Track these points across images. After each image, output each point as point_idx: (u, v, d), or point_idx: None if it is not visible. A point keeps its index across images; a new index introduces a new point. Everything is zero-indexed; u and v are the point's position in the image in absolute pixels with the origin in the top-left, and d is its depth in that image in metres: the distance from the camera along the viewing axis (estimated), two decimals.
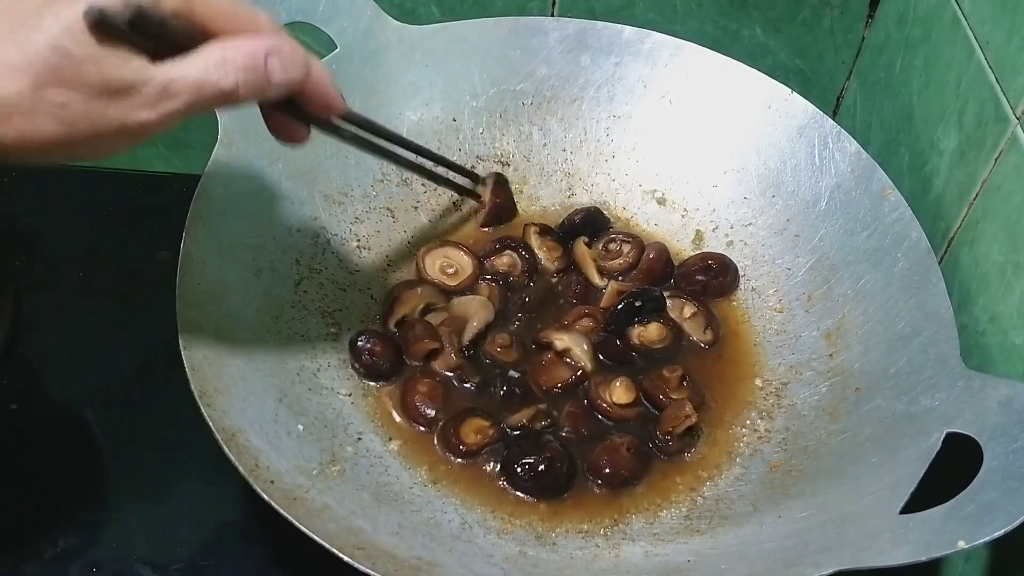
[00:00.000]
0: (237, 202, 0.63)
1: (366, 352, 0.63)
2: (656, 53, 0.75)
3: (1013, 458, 0.48)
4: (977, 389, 0.53)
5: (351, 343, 0.64)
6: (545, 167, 0.78)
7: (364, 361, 0.63)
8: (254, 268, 0.63)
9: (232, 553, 0.61)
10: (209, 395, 0.53)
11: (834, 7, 0.82)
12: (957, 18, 0.66)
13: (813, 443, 0.61)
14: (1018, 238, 0.56)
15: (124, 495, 0.62)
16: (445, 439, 0.61)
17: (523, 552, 0.55)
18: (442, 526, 0.56)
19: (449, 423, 0.61)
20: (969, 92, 0.63)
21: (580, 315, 0.68)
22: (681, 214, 0.76)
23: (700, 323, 0.69)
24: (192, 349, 0.54)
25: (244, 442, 0.52)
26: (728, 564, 0.52)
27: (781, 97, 0.73)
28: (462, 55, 0.75)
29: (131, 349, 0.70)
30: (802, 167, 0.71)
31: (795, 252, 0.71)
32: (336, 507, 0.52)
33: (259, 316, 0.61)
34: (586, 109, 0.77)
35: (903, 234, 0.64)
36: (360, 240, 0.71)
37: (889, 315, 0.62)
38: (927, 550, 0.45)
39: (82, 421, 0.66)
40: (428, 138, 0.74)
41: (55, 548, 0.59)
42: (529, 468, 0.59)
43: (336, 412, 0.61)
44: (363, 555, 0.48)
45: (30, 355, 0.70)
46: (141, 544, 0.60)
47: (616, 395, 0.63)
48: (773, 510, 0.57)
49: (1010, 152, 0.58)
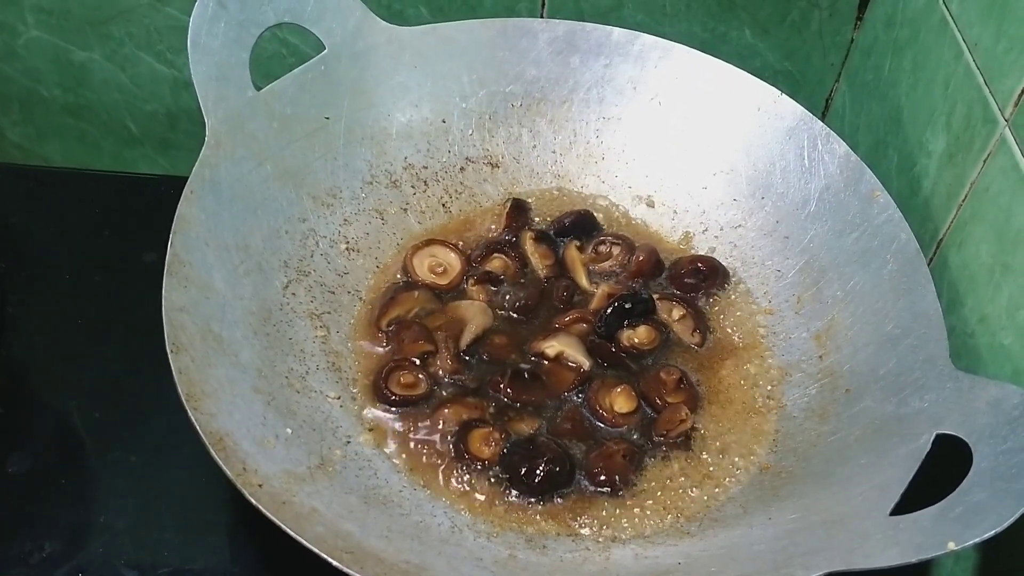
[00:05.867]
0: (224, 204, 0.63)
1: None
2: (645, 55, 0.75)
3: (1002, 459, 0.48)
4: (966, 390, 0.53)
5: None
6: (535, 169, 0.78)
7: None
8: (242, 270, 0.63)
9: (219, 557, 0.60)
10: (196, 398, 0.52)
11: (822, 9, 0.82)
12: (945, 20, 0.66)
13: (803, 445, 0.61)
14: (1006, 239, 0.56)
15: (111, 498, 0.62)
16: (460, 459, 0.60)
17: (513, 555, 0.55)
18: (431, 529, 0.56)
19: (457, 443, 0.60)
20: (957, 94, 0.64)
21: (573, 319, 0.68)
22: (671, 216, 0.76)
23: (689, 325, 0.69)
24: (179, 352, 0.54)
25: (232, 445, 0.52)
26: (718, 566, 0.52)
27: (770, 99, 0.73)
28: (451, 56, 0.74)
29: (117, 351, 0.70)
30: (791, 169, 0.71)
31: (784, 254, 0.71)
32: (324, 511, 0.52)
33: (247, 318, 0.61)
34: (576, 111, 0.77)
35: (892, 236, 0.64)
36: (349, 242, 0.70)
37: (878, 316, 0.62)
38: (917, 551, 0.45)
39: (68, 423, 0.66)
40: (417, 140, 0.74)
41: (41, 552, 0.58)
42: (531, 470, 0.59)
43: (325, 415, 0.61)
44: (351, 559, 0.48)
45: (16, 356, 0.70)
46: (128, 547, 0.59)
47: (617, 404, 0.63)
48: (763, 512, 0.56)
49: (998, 154, 0.58)
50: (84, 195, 0.81)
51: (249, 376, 0.58)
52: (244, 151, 0.65)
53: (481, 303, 0.68)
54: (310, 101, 0.69)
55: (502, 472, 0.59)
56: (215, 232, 0.61)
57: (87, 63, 0.88)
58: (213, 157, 0.63)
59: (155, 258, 0.58)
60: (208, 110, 0.63)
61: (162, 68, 0.89)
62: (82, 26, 0.86)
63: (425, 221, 0.74)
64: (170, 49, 0.87)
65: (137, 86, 0.90)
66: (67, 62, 0.88)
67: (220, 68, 0.64)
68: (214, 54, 0.64)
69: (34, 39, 0.87)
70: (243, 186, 0.65)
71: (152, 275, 0.57)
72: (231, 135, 0.64)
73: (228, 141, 0.64)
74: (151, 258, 0.67)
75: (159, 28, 0.86)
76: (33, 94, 0.91)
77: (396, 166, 0.74)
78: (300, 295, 0.66)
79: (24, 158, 0.96)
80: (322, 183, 0.70)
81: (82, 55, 0.88)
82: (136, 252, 0.74)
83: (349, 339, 0.66)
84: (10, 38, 0.87)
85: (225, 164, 0.64)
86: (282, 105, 0.68)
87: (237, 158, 0.64)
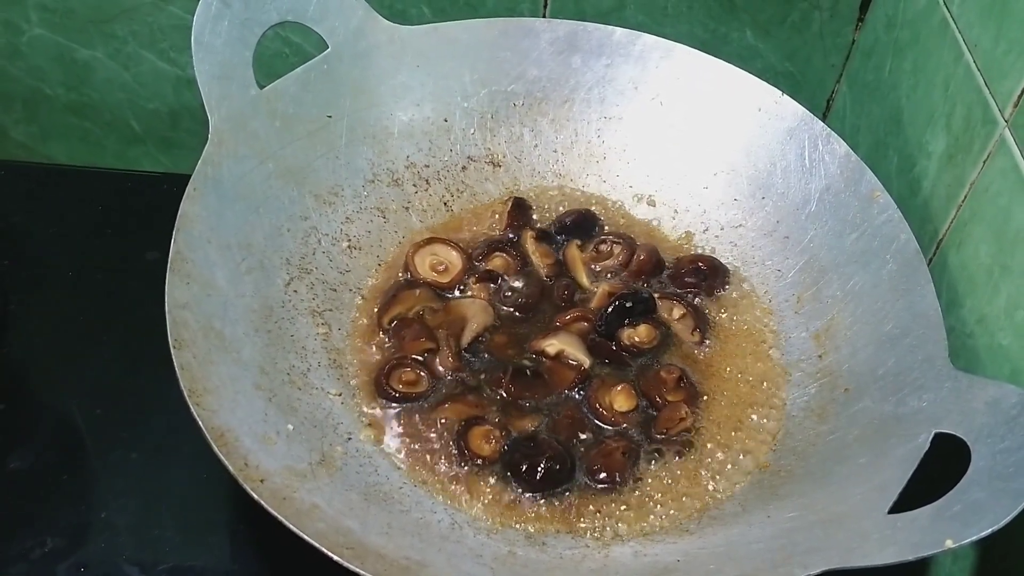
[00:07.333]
0: (227, 202, 0.63)
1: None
2: (647, 55, 0.75)
3: (1000, 458, 0.48)
4: (965, 390, 0.53)
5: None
6: (536, 168, 0.78)
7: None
8: (244, 268, 0.63)
9: (220, 553, 0.60)
10: (198, 394, 0.53)
11: (824, 10, 0.82)
12: (945, 21, 0.66)
13: (802, 444, 0.61)
14: (1005, 240, 0.57)
15: (112, 495, 0.62)
16: (460, 456, 0.60)
17: (512, 552, 0.55)
18: (432, 526, 0.56)
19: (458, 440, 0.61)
20: (957, 95, 0.64)
21: (574, 318, 0.68)
22: (672, 215, 0.76)
23: (689, 324, 0.69)
24: (181, 348, 0.54)
25: (233, 441, 0.52)
26: (717, 564, 0.52)
27: (771, 99, 0.73)
28: (453, 56, 0.75)
29: (119, 348, 0.70)
30: (792, 169, 0.72)
31: (785, 253, 0.71)
32: (325, 507, 0.52)
33: (249, 316, 0.61)
34: (577, 110, 0.77)
35: (892, 236, 0.64)
36: (351, 240, 0.71)
37: (878, 316, 0.63)
38: (915, 550, 0.45)
39: (70, 421, 0.66)
40: (419, 138, 0.75)
41: (43, 548, 0.59)
42: (531, 468, 0.59)
43: (326, 412, 0.61)
44: (352, 555, 0.48)
45: (17, 354, 0.70)
46: (129, 544, 0.59)
47: (617, 402, 0.63)
48: (762, 510, 0.57)
49: (998, 155, 0.58)
50: (86, 193, 0.82)
51: (251, 373, 0.58)
52: (247, 149, 0.65)
53: (482, 301, 0.69)
54: (312, 100, 0.70)
55: (502, 469, 0.60)
56: (217, 230, 0.62)
57: (90, 61, 0.89)
58: (216, 155, 0.63)
59: (157, 256, 0.58)
60: (211, 108, 0.64)
61: (165, 67, 0.89)
62: (85, 25, 0.86)
63: (427, 219, 0.74)
64: (173, 48, 0.87)
65: (140, 84, 0.90)
66: (70, 60, 0.89)
67: (223, 67, 0.65)
68: (217, 53, 0.64)
69: (38, 37, 0.87)
70: (245, 184, 0.65)
71: (154, 273, 0.57)
72: (234, 133, 0.64)
73: (231, 139, 0.64)
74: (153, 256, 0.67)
75: (162, 27, 0.86)
76: (36, 92, 0.91)
77: (398, 165, 0.74)
78: (302, 293, 0.66)
79: (27, 156, 0.97)
80: (324, 181, 0.70)
81: (85, 53, 0.88)
82: (138, 250, 0.74)
83: (350, 337, 0.66)
84: (14, 36, 0.87)
85: (228, 162, 0.64)
86: (285, 104, 0.68)
87: (240, 156, 0.65)
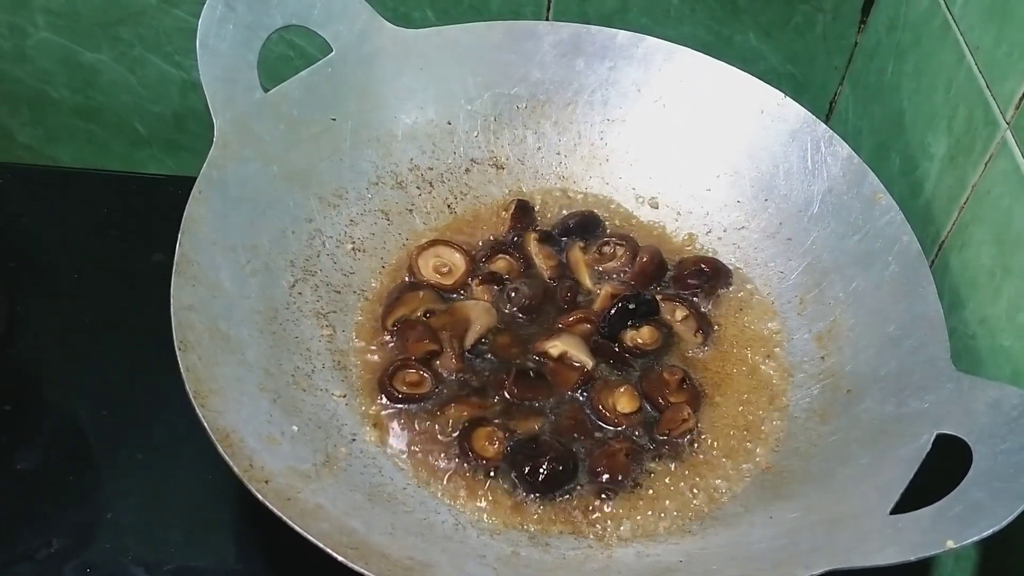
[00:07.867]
0: (232, 204, 0.64)
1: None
2: (650, 57, 0.76)
3: (1001, 459, 0.48)
4: (966, 391, 0.53)
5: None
6: (539, 170, 0.78)
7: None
8: (249, 270, 0.63)
9: (225, 553, 0.61)
10: (203, 395, 0.53)
11: (826, 13, 0.83)
12: (947, 23, 0.66)
13: (804, 444, 0.61)
14: (1007, 242, 0.57)
15: (118, 496, 0.62)
16: (464, 457, 0.60)
17: (516, 552, 0.56)
18: (435, 527, 0.56)
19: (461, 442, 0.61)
20: (959, 97, 0.64)
21: (577, 319, 0.69)
22: (674, 217, 0.76)
23: (692, 325, 0.69)
24: (187, 350, 0.54)
25: (238, 442, 0.52)
26: (719, 565, 0.53)
27: (774, 102, 0.73)
28: (456, 59, 0.75)
29: (125, 350, 0.70)
30: (794, 171, 0.72)
31: (787, 255, 0.71)
32: (329, 507, 0.53)
33: (254, 317, 0.62)
34: (580, 113, 0.77)
35: (894, 238, 0.64)
36: (355, 242, 0.71)
37: (880, 318, 0.63)
38: (916, 550, 0.45)
39: (76, 422, 0.66)
40: (423, 141, 0.75)
41: (49, 549, 0.59)
42: (534, 469, 0.59)
43: (330, 413, 0.61)
44: (356, 555, 0.48)
45: (24, 356, 0.70)
46: (134, 544, 0.60)
47: (620, 403, 0.63)
48: (764, 511, 0.57)
49: (999, 156, 0.58)
50: (92, 196, 0.82)
51: (255, 374, 0.58)
52: (251, 152, 0.65)
53: (485, 303, 0.69)
54: (317, 103, 0.70)
55: (506, 470, 0.60)
56: (223, 232, 0.62)
57: (96, 65, 0.89)
58: (221, 158, 0.64)
59: (163, 258, 0.59)
60: (216, 111, 0.64)
61: (170, 70, 0.89)
62: (91, 28, 0.86)
63: (430, 222, 0.75)
64: (178, 51, 0.88)
65: (145, 88, 0.91)
66: (76, 64, 0.89)
67: (228, 70, 0.65)
68: (222, 56, 0.65)
69: (43, 41, 0.87)
70: (250, 186, 0.65)
71: (160, 275, 0.58)
72: (239, 136, 0.65)
73: (236, 142, 0.65)
74: (159, 258, 0.68)
75: (168, 30, 0.86)
76: (42, 96, 0.92)
77: (402, 167, 0.74)
78: (306, 294, 0.66)
79: (33, 159, 0.97)
80: (328, 184, 0.71)
81: (91, 57, 0.88)
82: (144, 252, 0.75)
83: (354, 338, 0.67)
84: (20, 40, 0.87)
85: (233, 165, 0.64)
86: (289, 107, 0.68)
87: (244, 159, 0.65)
